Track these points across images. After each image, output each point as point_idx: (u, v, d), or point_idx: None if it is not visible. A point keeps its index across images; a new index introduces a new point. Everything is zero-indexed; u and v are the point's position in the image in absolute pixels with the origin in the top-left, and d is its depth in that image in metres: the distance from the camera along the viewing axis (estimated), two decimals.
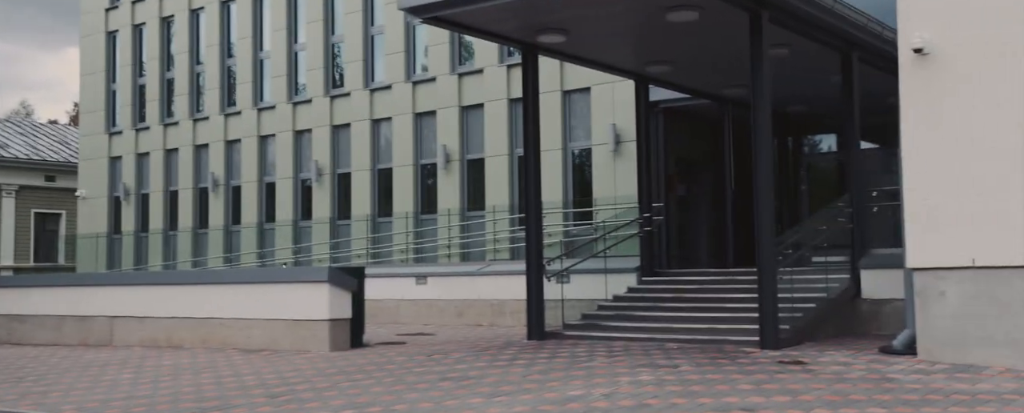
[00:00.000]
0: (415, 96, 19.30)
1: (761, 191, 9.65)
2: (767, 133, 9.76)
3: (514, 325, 14.35)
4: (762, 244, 9.55)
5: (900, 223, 13.36)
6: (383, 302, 15.70)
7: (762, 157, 9.73)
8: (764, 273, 9.48)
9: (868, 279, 11.13)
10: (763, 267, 9.50)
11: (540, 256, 11.32)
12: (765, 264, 9.50)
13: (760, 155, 9.74)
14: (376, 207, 19.88)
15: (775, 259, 9.54)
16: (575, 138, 17.18)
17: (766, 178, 9.68)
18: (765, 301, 9.45)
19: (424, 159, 19.25)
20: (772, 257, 9.53)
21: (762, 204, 9.62)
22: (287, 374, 8.99)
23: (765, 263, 9.50)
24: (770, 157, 9.81)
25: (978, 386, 7.14)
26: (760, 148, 9.74)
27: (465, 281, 15.08)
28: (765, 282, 9.48)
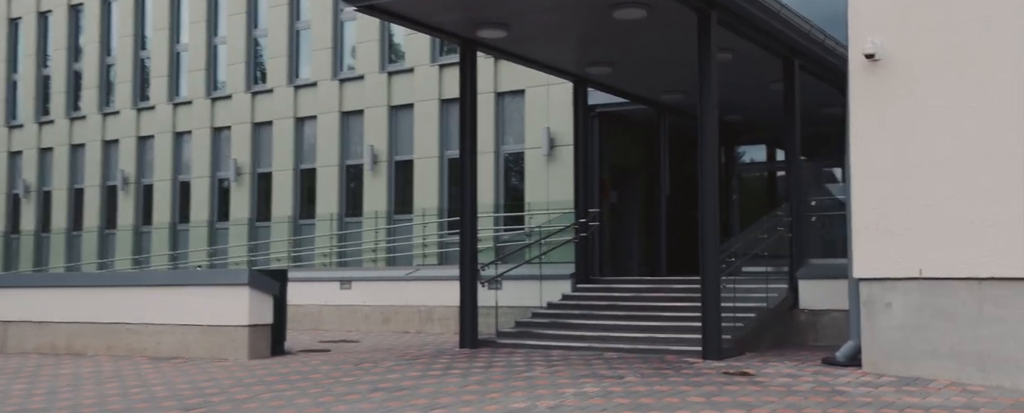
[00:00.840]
0: (342, 94, 18.62)
1: (706, 199, 9.38)
2: (713, 139, 9.50)
3: (443, 332, 13.83)
4: (706, 253, 9.27)
5: (837, 234, 13.43)
6: (305, 308, 14.98)
7: (707, 164, 9.46)
8: (708, 283, 9.20)
9: (806, 289, 10.99)
10: (707, 276, 9.22)
11: (474, 261, 10.84)
12: (709, 273, 9.22)
13: (705, 162, 9.47)
14: (298, 209, 19.10)
15: (718, 268, 9.27)
16: (508, 141, 16.77)
17: (711, 186, 9.42)
18: (708, 311, 9.17)
19: (350, 160, 18.58)
20: (716, 266, 9.26)
21: (707, 212, 9.34)
22: (202, 384, 8.29)
23: (709, 272, 9.22)
24: (716, 164, 9.56)
25: (928, 400, 6.95)
26: (706, 155, 9.48)
27: (392, 286, 14.48)
28: (709, 292, 9.20)
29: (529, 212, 15.57)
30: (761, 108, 14.79)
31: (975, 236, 7.73)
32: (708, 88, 9.52)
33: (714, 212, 9.37)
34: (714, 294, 9.22)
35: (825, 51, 11.78)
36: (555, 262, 12.98)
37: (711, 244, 9.31)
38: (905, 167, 8.12)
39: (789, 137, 11.68)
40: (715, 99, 9.57)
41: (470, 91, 11.01)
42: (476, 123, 11.19)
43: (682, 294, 11.51)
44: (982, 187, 7.74)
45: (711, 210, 9.35)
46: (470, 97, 11.02)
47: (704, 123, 9.54)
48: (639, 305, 11.32)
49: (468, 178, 10.95)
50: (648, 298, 11.59)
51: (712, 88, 9.53)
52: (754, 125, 16.21)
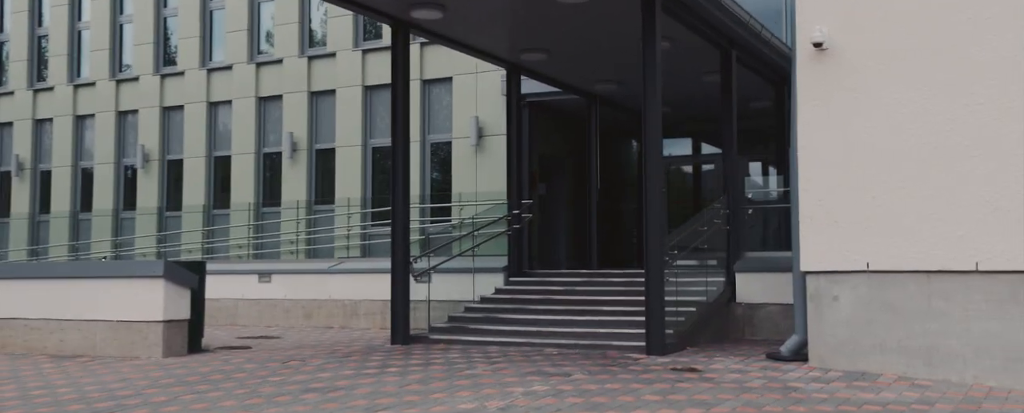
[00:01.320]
0: (259, 79, 17.80)
1: (652, 191, 9.14)
2: (657, 130, 9.26)
3: (369, 327, 13.28)
4: (651, 247, 9.02)
5: (772, 227, 13.42)
6: (221, 301, 14.21)
7: (652, 155, 9.23)
8: (652, 277, 8.96)
9: (743, 283, 10.88)
10: (651, 271, 8.98)
11: (407, 253, 10.36)
12: (653, 268, 8.98)
13: (650, 153, 9.23)
14: (212, 198, 18.19)
15: (663, 263, 9.04)
16: (435, 131, 16.28)
17: (656, 178, 9.19)
18: (652, 306, 8.93)
19: (268, 147, 17.78)
20: (660, 261, 9.02)
21: (652, 205, 9.10)
22: (113, 386, 7.61)
23: (653, 267, 8.98)
24: (660, 155, 9.32)
25: (882, 396, 6.84)
26: (650, 146, 9.24)
27: (314, 279, 13.85)
28: (652, 286, 8.96)
29: (459, 203, 15.13)
30: (692, 100, 14.71)
31: (923, 229, 7.68)
32: (653, 76, 9.27)
33: (659, 205, 9.14)
34: (658, 289, 8.98)
35: (762, 43, 11.71)
36: (486, 255, 12.58)
37: (656, 238, 9.06)
38: (852, 158, 8.02)
39: (726, 130, 11.56)
40: (659, 89, 9.33)
41: (402, 76, 10.51)
42: (408, 110, 10.69)
43: (619, 288, 11.28)
44: (930, 179, 7.69)
45: (656, 203, 9.11)
46: (402, 82, 10.52)
47: (648, 113, 9.29)
48: (575, 299, 11.03)
49: (400, 168, 10.46)
50: (584, 292, 11.31)
51: (656, 76, 9.28)
52: (682, 118, 16.13)
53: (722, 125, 11.61)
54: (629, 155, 17.67)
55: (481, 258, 12.33)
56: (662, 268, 9.02)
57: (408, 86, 10.64)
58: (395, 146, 10.50)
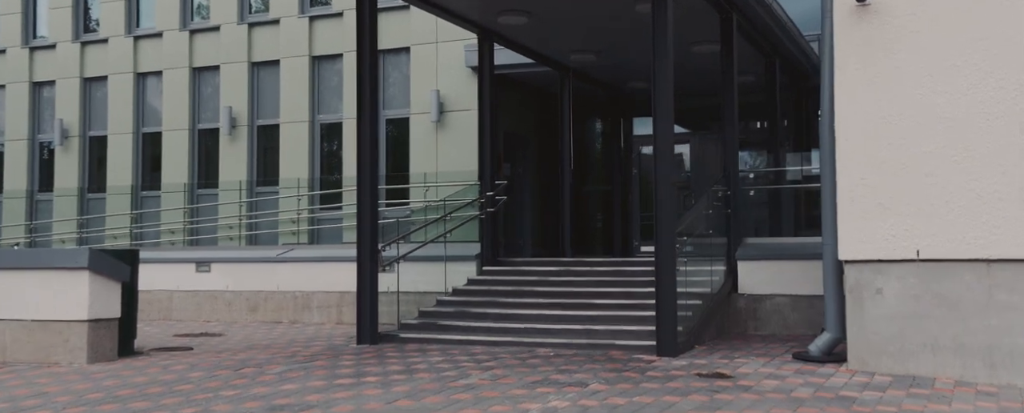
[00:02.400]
0: (193, 47, 16.15)
1: (662, 173, 8.02)
2: (668, 104, 8.17)
3: (323, 322, 11.93)
4: (662, 234, 7.92)
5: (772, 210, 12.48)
6: (153, 293, 12.68)
7: (662, 133, 8.15)
8: (664, 267, 7.86)
9: (746, 272, 9.88)
10: (663, 261, 7.88)
11: (375, 241, 9.06)
12: (665, 257, 7.88)
13: (660, 131, 8.15)
14: (140, 178, 16.50)
15: (675, 252, 7.94)
16: (391, 106, 14.92)
17: (667, 157, 8.09)
18: (664, 301, 7.83)
19: (204, 123, 16.17)
20: (672, 249, 7.92)
21: (662, 187, 7.98)
22: (26, 404, 6.18)
23: (665, 256, 7.88)
24: (671, 132, 8.21)
25: (956, 407, 5.88)
26: (660, 122, 8.13)
27: (260, 269, 12.41)
28: (664, 278, 7.86)
29: (424, 185, 13.82)
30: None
31: (983, 211, 6.73)
32: (663, 42, 8.15)
33: (670, 188, 8.02)
34: (670, 282, 7.89)
35: (762, 7, 10.68)
36: (455, 241, 11.35)
37: (667, 224, 7.95)
38: (901, 129, 7.02)
39: (727, 105, 10.49)
40: (671, 58, 8.20)
41: (370, 43, 9.19)
42: (377, 79, 9.38)
43: (608, 278, 10.17)
44: (989, 155, 6.73)
45: (666, 185, 7.99)
46: (370, 49, 9.21)
47: (658, 86, 8.17)
48: (562, 291, 9.89)
49: (367, 145, 9.16)
50: (570, 283, 10.17)
51: (667, 42, 8.16)
52: None
53: (723, 99, 10.54)
54: (600, 134, 16.57)
55: (450, 245, 11.10)
56: (674, 258, 7.93)
57: (375, 53, 9.34)
58: (362, 120, 9.19)
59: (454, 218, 11.17)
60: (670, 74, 8.16)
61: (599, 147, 16.50)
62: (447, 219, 10.67)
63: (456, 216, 11.40)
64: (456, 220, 11.27)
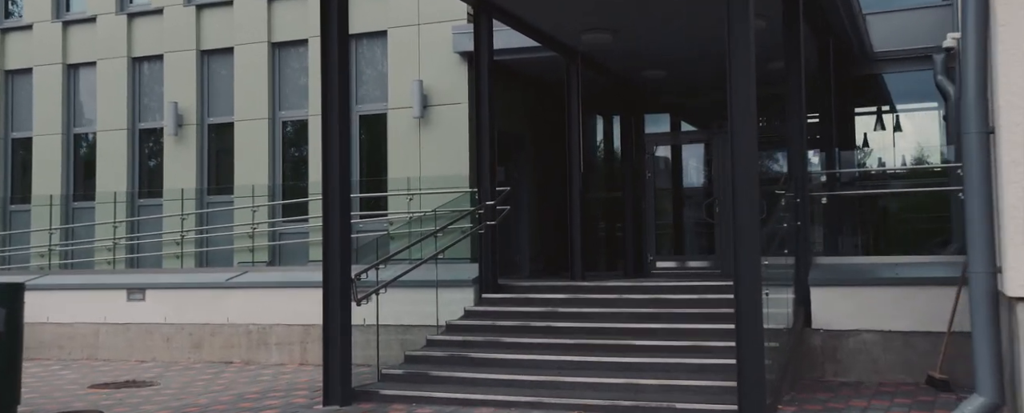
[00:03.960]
0: (132, 33, 13.86)
1: (742, 178, 5.93)
2: (749, 80, 6.06)
3: (284, 363, 9.69)
4: (743, 259, 5.79)
5: (853, 222, 10.41)
6: (75, 328, 10.38)
7: (742, 128, 6.04)
8: (745, 306, 5.74)
9: (821, 301, 7.79)
10: (745, 293, 5.76)
11: (347, 266, 6.85)
12: (747, 291, 5.76)
13: (741, 127, 6.03)
14: (71, 186, 14.15)
15: (759, 282, 5.81)
16: (365, 99, 12.71)
17: (748, 162, 5.97)
18: (748, 349, 5.72)
19: (145, 122, 13.87)
20: (757, 280, 5.80)
21: (743, 197, 5.87)
22: None
23: (747, 289, 5.76)
24: (754, 129, 6.06)
25: None
26: (739, 116, 6.03)
27: (206, 296, 10.15)
28: (747, 319, 5.74)
29: (407, 193, 11.61)
30: (690, 63, 11.62)
31: None
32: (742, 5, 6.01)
33: (752, 196, 5.89)
34: (755, 322, 5.76)
35: None
36: (447, 261, 9.19)
37: (749, 246, 5.81)
38: None
39: (793, 90, 8.36)
40: (750, 20, 6.08)
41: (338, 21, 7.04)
42: (348, 67, 7.23)
43: (643, 309, 8.04)
44: None
45: (748, 193, 5.87)
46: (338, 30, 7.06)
47: (736, 59, 6.06)
48: (585, 327, 7.76)
49: (335, 147, 7.00)
50: (593, 316, 8.05)
51: (748, 9, 6.04)
52: (680, 85, 13.03)
53: (789, 84, 8.42)
54: (607, 133, 14.48)
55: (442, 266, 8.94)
56: (758, 292, 5.80)
57: (346, 39, 7.20)
58: (328, 118, 7.03)
59: (447, 233, 9.00)
60: (750, 41, 6.05)
61: (606, 148, 14.41)
62: (439, 235, 8.48)
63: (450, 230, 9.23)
64: (450, 236, 9.10)
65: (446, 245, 8.57)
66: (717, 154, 13.29)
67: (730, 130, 6.06)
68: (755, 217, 5.79)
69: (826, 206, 8.87)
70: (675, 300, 8.13)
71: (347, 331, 6.76)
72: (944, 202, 10.83)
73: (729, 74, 6.15)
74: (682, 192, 13.92)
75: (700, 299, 8.04)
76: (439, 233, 8.37)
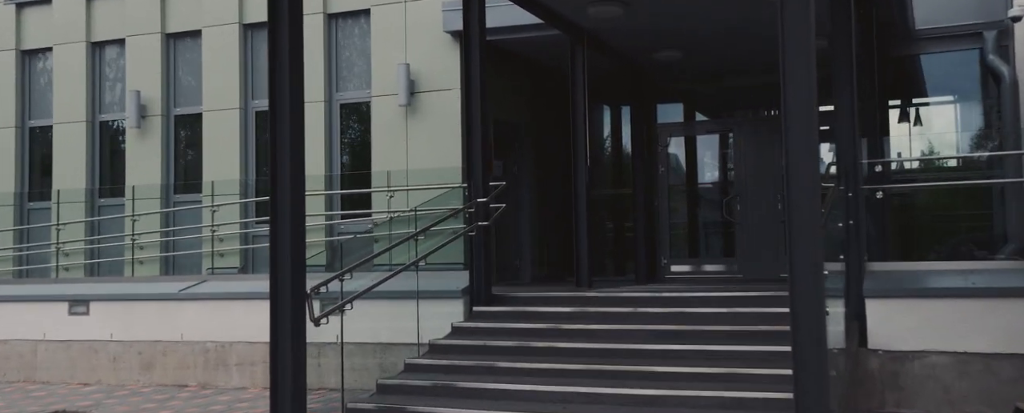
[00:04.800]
0: (91, 16, 12.59)
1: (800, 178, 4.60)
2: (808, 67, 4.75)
3: (245, 387, 8.41)
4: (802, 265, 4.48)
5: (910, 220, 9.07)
6: (11, 345, 9.11)
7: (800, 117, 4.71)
8: (806, 318, 4.43)
9: (879, 316, 6.48)
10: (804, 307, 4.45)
11: (300, 277, 5.55)
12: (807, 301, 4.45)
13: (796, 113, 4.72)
14: (26, 184, 12.88)
15: (822, 295, 4.51)
16: (346, 86, 11.42)
17: (809, 144, 4.65)
18: (810, 378, 4.40)
19: (106, 113, 12.60)
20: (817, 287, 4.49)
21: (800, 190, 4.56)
22: None
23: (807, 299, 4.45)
24: (814, 111, 4.73)
25: None
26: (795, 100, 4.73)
27: (158, 309, 8.88)
28: (809, 339, 4.43)
29: (387, 189, 10.33)
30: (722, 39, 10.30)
31: None
32: None
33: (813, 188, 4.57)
34: (817, 349, 4.46)
35: None
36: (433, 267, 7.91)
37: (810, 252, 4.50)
38: None
39: (843, 69, 7.03)
40: None
41: None
42: (301, 56, 5.95)
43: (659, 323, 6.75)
44: None
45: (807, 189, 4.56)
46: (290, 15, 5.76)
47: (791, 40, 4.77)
48: (596, 348, 6.48)
49: (286, 141, 5.70)
50: (604, 334, 6.75)
51: None
52: (696, 67, 11.72)
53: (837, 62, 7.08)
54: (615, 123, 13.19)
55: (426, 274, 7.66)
56: (822, 306, 4.49)
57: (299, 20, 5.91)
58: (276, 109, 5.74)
59: (432, 235, 7.71)
60: (809, 7, 4.74)
61: (614, 139, 13.11)
62: (420, 238, 7.17)
63: (436, 231, 7.94)
64: (435, 238, 7.81)
65: (430, 249, 7.26)
66: (739, 146, 11.99)
67: (784, 114, 4.75)
68: (816, 216, 4.48)
69: (879, 202, 7.55)
70: (700, 314, 6.83)
71: (300, 359, 5.46)
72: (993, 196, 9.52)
73: (782, 50, 4.87)
74: (698, 189, 12.62)
75: (730, 314, 6.74)
76: (420, 236, 7.05)
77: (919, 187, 8.77)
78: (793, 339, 4.54)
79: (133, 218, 11.51)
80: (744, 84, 11.90)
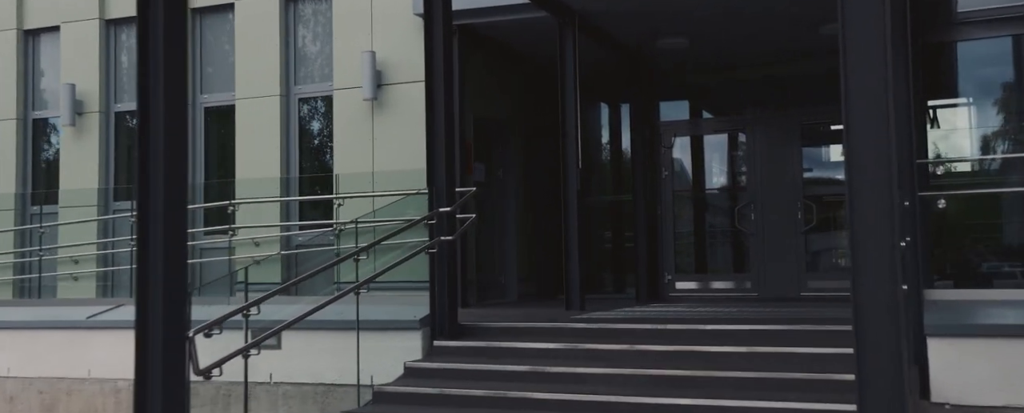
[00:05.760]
0: (23, 1, 11.22)
1: (869, 171, 3.19)
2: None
3: None
4: (871, 295, 3.08)
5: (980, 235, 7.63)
6: None
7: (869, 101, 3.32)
8: (875, 369, 3.03)
9: (944, 360, 5.04)
10: (872, 354, 3.05)
11: (180, 316, 4.13)
12: (876, 348, 3.05)
13: (862, 93, 3.35)
14: None
15: (899, 331, 3.10)
16: (305, 79, 10.03)
17: (880, 142, 3.24)
18: None
19: (39, 110, 11.24)
20: (895, 329, 3.08)
21: (868, 199, 3.15)
22: None
23: (878, 347, 3.05)
24: (885, 98, 3.36)
25: None
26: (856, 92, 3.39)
27: (62, 339, 7.48)
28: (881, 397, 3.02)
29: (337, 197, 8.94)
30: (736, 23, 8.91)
31: None
32: None
33: (887, 203, 3.17)
34: None
35: None
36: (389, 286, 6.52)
37: (882, 280, 3.10)
38: None
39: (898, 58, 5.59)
40: None
41: None
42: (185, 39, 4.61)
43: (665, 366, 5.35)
44: None
45: (879, 197, 3.16)
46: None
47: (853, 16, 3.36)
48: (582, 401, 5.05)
49: (160, 152, 4.28)
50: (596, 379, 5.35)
51: None
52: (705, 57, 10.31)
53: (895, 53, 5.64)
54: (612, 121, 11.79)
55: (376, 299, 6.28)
56: (900, 351, 3.08)
57: None
58: (147, 105, 4.33)
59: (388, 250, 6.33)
60: None
61: (612, 139, 11.71)
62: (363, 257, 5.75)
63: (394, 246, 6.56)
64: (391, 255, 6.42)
65: (373, 274, 5.85)
66: (751, 147, 10.59)
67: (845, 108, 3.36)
68: (891, 233, 3.08)
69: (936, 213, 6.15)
70: (713, 356, 5.43)
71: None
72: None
73: (843, 30, 3.50)
74: (705, 195, 11.24)
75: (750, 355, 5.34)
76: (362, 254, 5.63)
77: (984, 194, 7.33)
78: (860, 399, 3.14)
79: (39, 229, 10.11)
80: (759, 77, 10.52)
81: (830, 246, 10.41)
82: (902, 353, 3.04)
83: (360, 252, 5.53)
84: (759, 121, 10.60)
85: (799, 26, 8.89)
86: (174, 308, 4.04)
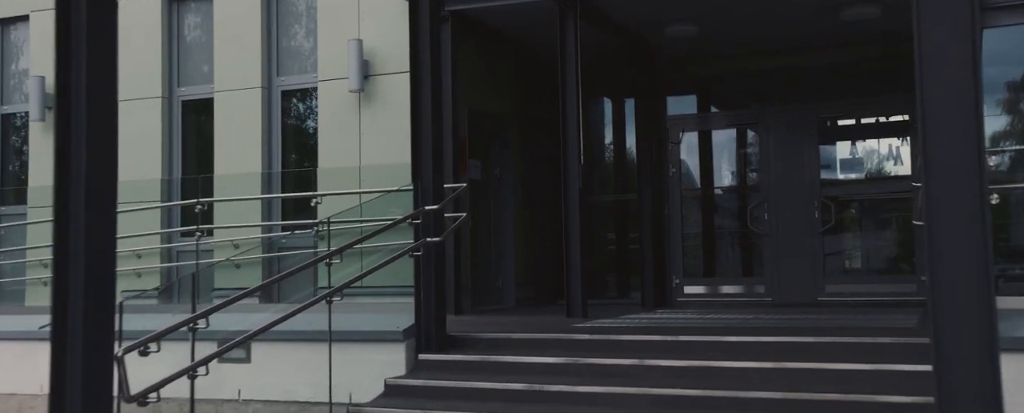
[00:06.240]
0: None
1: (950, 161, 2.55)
2: None
3: None
4: (954, 305, 2.45)
5: None
6: None
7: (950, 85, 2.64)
8: None
9: (1016, 377, 4.37)
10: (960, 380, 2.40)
11: (106, 338, 3.49)
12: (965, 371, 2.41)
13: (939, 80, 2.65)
14: None
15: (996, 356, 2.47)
16: (287, 70, 9.40)
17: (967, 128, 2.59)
18: None
19: (9, 104, 10.63)
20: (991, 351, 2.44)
21: (951, 193, 2.51)
22: None
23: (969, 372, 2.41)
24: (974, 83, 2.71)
25: None
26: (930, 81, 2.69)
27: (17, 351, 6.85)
28: None
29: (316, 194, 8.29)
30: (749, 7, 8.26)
31: None
32: None
33: (977, 199, 2.53)
34: None
35: None
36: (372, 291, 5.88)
37: (971, 287, 2.46)
38: None
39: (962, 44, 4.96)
40: None
41: None
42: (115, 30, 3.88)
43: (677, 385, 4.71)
44: None
45: (965, 192, 2.51)
46: None
47: None
48: None
49: (82, 150, 3.60)
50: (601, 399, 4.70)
51: None
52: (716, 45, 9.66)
53: None
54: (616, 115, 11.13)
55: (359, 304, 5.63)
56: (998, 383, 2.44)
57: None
58: (67, 99, 3.66)
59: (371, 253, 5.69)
60: None
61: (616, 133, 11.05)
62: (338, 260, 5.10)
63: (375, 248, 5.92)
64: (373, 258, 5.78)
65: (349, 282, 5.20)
66: (764, 143, 9.94)
67: (919, 96, 2.71)
68: (984, 235, 2.44)
69: None
70: (729, 372, 4.78)
71: None
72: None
73: None
74: (715, 194, 10.59)
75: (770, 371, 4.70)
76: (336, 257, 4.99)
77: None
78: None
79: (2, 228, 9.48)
80: (773, 67, 9.88)
81: (849, 248, 9.78)
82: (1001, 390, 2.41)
83: (332, 255, 4.89)
84: (773, 115, 9.95)
85: (818, 12, 8.25)
86: (98, 322, 3.39)
